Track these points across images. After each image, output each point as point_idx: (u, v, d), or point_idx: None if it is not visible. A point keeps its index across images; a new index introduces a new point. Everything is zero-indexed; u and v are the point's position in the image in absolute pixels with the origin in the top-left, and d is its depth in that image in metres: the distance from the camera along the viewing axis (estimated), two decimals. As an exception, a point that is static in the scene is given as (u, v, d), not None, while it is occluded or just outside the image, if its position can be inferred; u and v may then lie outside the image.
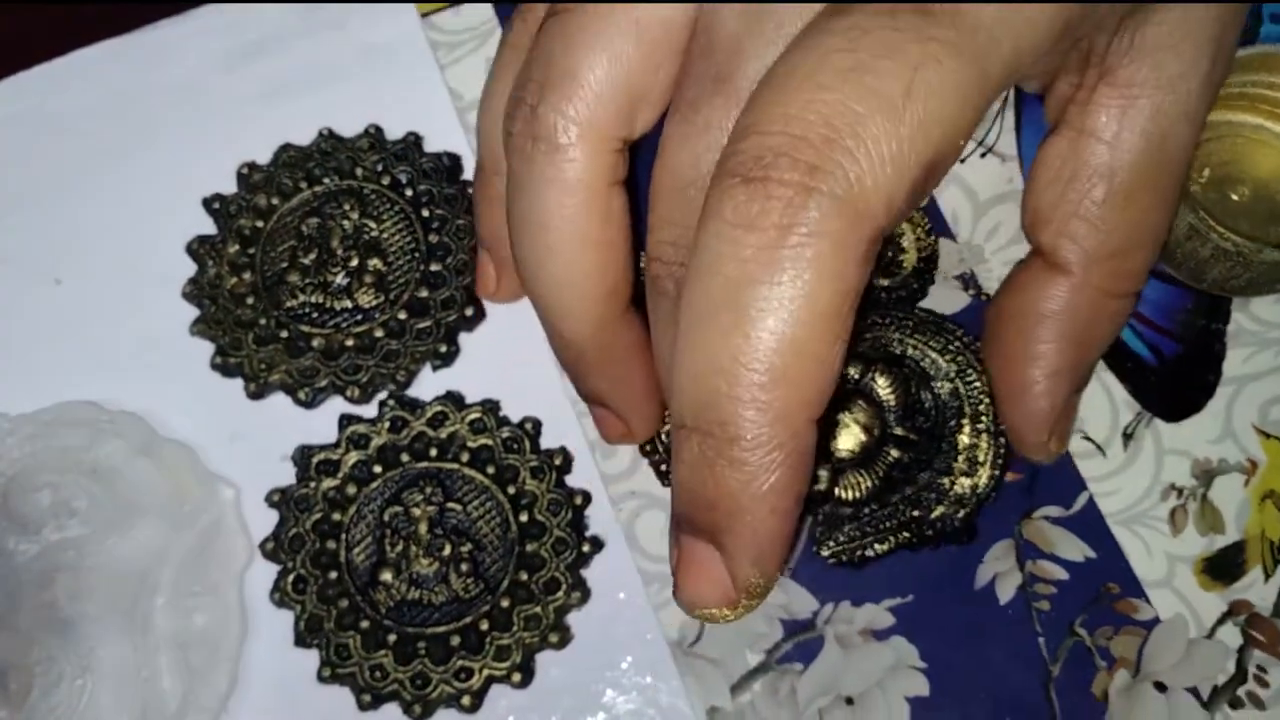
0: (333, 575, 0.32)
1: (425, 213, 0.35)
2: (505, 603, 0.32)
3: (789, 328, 0.19)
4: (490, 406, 0.33)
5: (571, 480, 0.33)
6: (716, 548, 0.21)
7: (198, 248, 0.35)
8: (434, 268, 0.35)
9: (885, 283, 0.34)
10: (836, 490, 0.31)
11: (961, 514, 0.31)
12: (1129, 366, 0.33)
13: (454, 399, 0.34)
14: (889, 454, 0.31)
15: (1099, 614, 0.31)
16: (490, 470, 0.33)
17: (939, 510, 0.31)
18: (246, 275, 0.35)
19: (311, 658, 0.31)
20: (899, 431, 0.32)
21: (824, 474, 0.31)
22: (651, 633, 0.32)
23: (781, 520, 0.21)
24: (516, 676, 0.31)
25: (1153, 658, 0.31)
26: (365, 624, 0.31)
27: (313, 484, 0.33)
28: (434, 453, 0.33)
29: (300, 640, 0.32)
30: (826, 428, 0.31)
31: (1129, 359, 0.33)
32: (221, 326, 0.34)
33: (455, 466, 0.33)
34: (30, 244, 0.36)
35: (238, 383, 0.34)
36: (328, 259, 0.35)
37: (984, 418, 0.32)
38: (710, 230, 0.20)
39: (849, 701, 0.31)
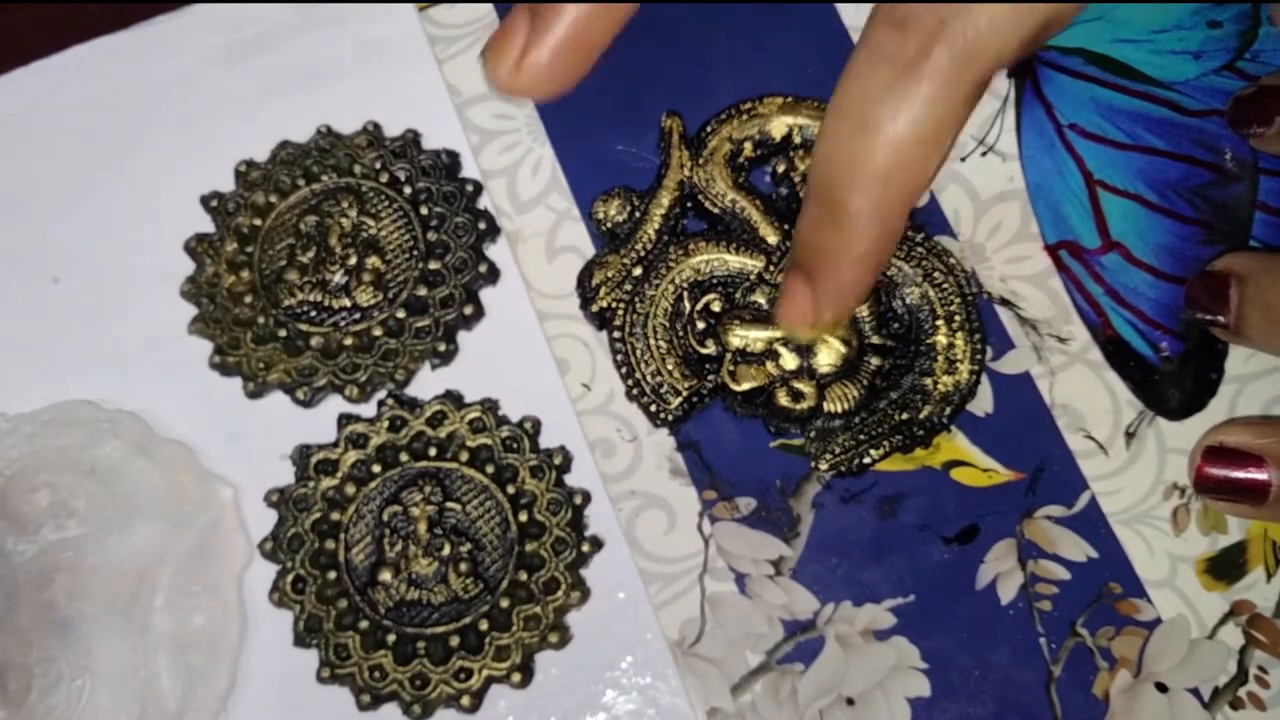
0: (332, 575, 0.32)
1: (424, 210, 0.35)
2: (505, 603, 0.31)
3: (900, 141, 0.24)
4: (489, 406, 0.33)
5: (571, 480, 0.33)
6: (809, 285, 0.27)
7: (196, 246, 0.35)
8: (433, 266, 0.35)
9: None
10: (825, 404, 0.32)
11: (948, 411, 0.32)
12: (1131, 365, 0.33)
13: (453, 398, 0.34)
14: (870, 363, 0.32)
15: (1100, 614, 0.31)
16: (489, 470, 0.33)
17: (926, 410, 0.32)
18: (245, 274, 0.35)
19: (311, 658, 0.31)
20: (876, 340, 0.32)
21: (809, 389, 0.32)
22: (651, 632, 0.31)
23: (860, 273, 0.26)
24: (516, 676, 0.31)
25: (1154, 658, 0.31)
26: (364, 624, 0.31)
27: (311, 483, 0.33)
28: (433, 452, 0.33)
29: (300, 640, 0.32)
30: (805, 345, 0.32)
31: (1131, 358, 0.33)
32: (220, 325, 0.34)
33: (454, 466, 0.33)
34: (28, 243, 0.36)
35: (236, 382, 0.34)
36: (326, 257, 0.35)
37: (957, 317, 0.33)
38: (860, 54, 0.25)
39: (850, 702, 0.31)
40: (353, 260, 0.34)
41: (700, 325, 0.33)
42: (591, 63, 0.27)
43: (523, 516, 0.32)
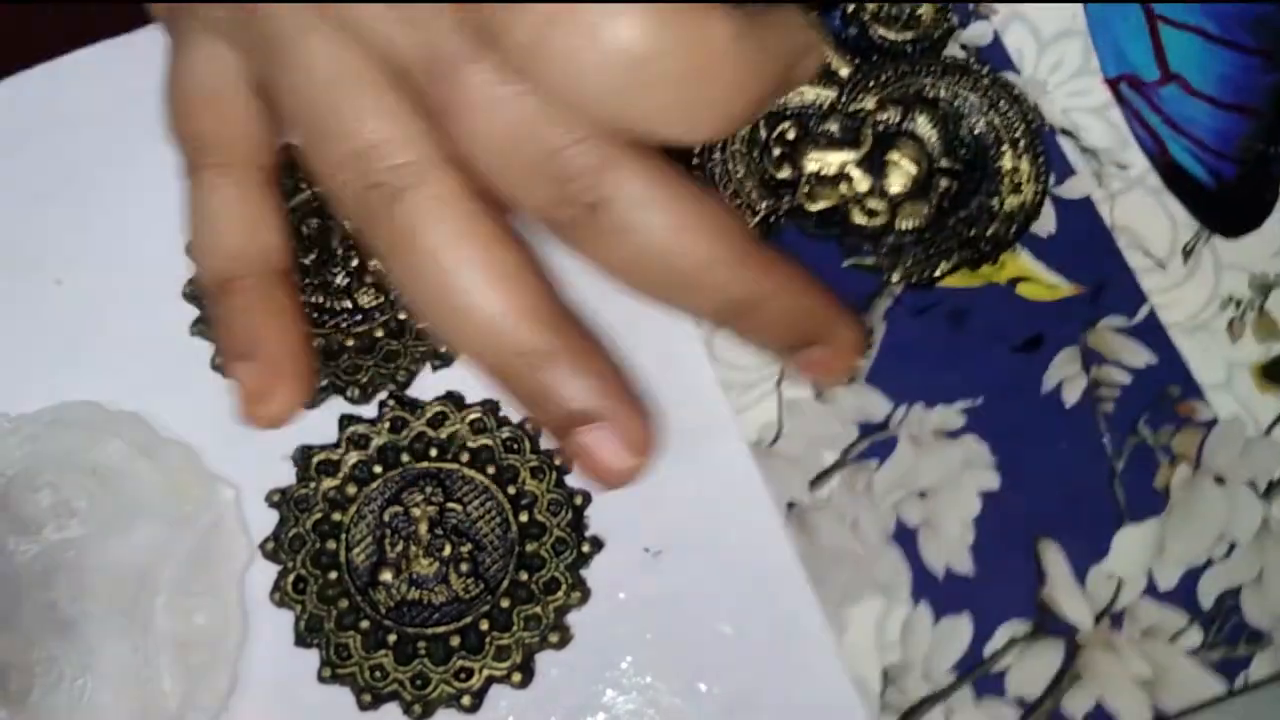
0: (333, 575, 0.32)
1: (425, 213, 0.35)
2: (505, 603, 0.32)
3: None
4: (490, 406, 0.33)
5: (571, 480, 0.33)
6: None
7: (198, 248, 0.35)
8: (434, 268, 0.35)
9: (909, 35, 0.35)
10: (897, 221, 0.34)
11: (1014, 228, 0.34)
12: (1189, 189, 0.35)
13: (454, 399, 0.34)
14: (939, 184, 0.34)
15: (1160, 415, 0.33)
16: (490, 470, 0.33)
17: (993, 227, 0.34)
18: (247, 275, 0.35)
19: (311, 658, 0.31)
20: (945, 164, 0.34)
21: (882, 207, 0.34)
22: (651, 632, 0.32)
23: None
24: (516, 676, 0.31)
25: (1212, 454, 0.33)
26: (365, 624, 0.31)
27: (313, 484, 0.33)
28: (434, 453, 0.33)
29: (300, 640, 0.32)
30: (878, 168, 0.34)
31: (1189, 182, 0.35)
32: (222, 327, 0.34)
33: (455, 466, 0.33)
34: (30, 244, 0.36)
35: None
36: (327, 259, 0.35)
37: (1021, 142, 0.34)
38: None
39: (923, 495, 0.32)
40: (354, 262, 0.35)
41: (776, 152, 0.34)
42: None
43: (523, 517, 0.32)
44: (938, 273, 0.34)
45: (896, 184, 0.34)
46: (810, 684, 0.31)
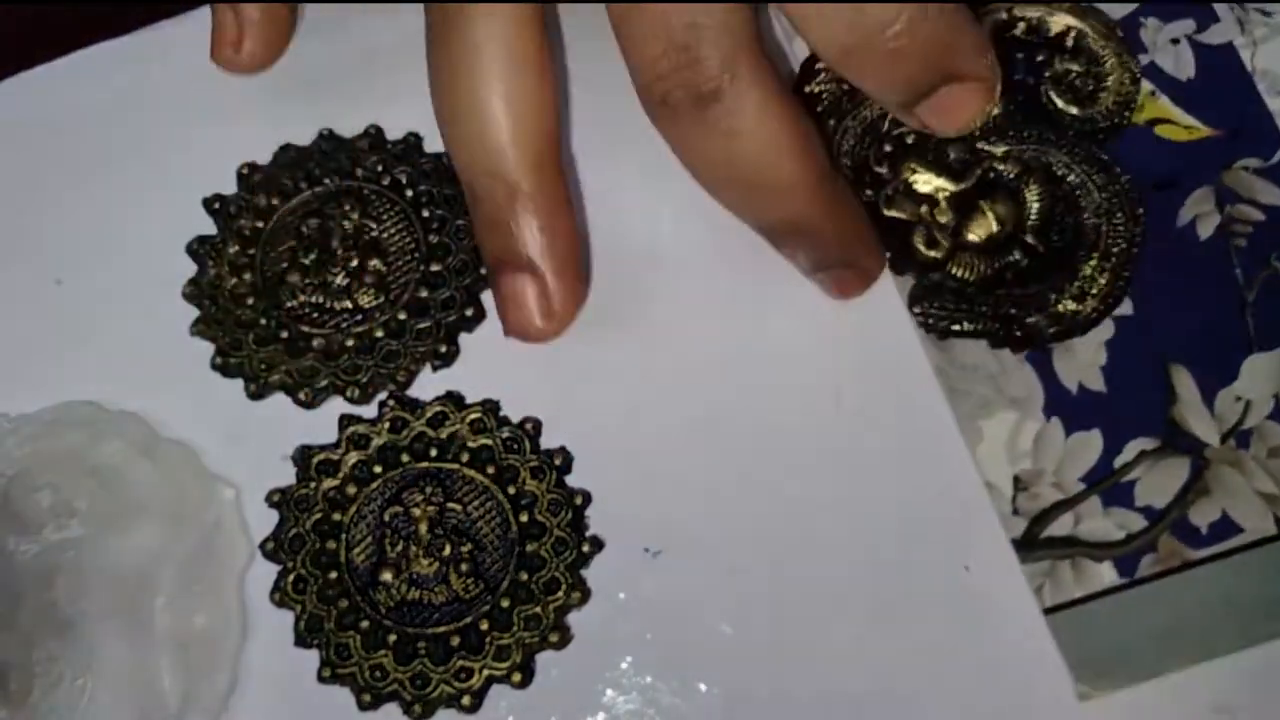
0: (333, 575, 0.32)
1: (425, 213, 0.35)
2: (505, 603, 0.32)
3: None
4: (490, 406, 0.34)
5: (571, 480, 0.33)
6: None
7: (198, 248, 0.35)
8: (434, 268, 0.35)
9: (1075, 111, 0.35)
10: (950, 264, 0.33)
11: (1054, 330, 0.33)
12: None
13: (454, 399, 0.34)
14: (1012, 254, 0.34)
15: None
16: (490, 470, 0.33)
17: (1035, 319, 0.33)
18: (246, 276, 0.35)
19: (311, 658, 0.31)
20: (1029, 239, 0.34)
21: (946, 243, 0.33)
22: (651, 632, 0.32)
23: None
24: (516, 676, 0.31)
25: None
26: (365, 624, 0.32)
27: (313, 484, 0.33)
28: (434, 453, 0.33)
29: (300, 640, 0.32)
30: (965, 209, 0.34)
31: None
32: (222, 327, 0.34)
33: (455, 467, 0.33)
34: (30, 244, 0.36)
35: (238, 383, 0.34)
36: (328, 259, 0.35)
37: (1114, 258, 0.34)
38: None
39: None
40: (354, 262, 0.35)
41: (887, 148, 0.35)
42: (289, 29, 0.33)
43: (523, 517, 0.32)
44: (955, 328, 0.33)
45: (974, 232, 0.34)
46: (944, 490, 0.32)
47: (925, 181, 0.34)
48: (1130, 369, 0.33)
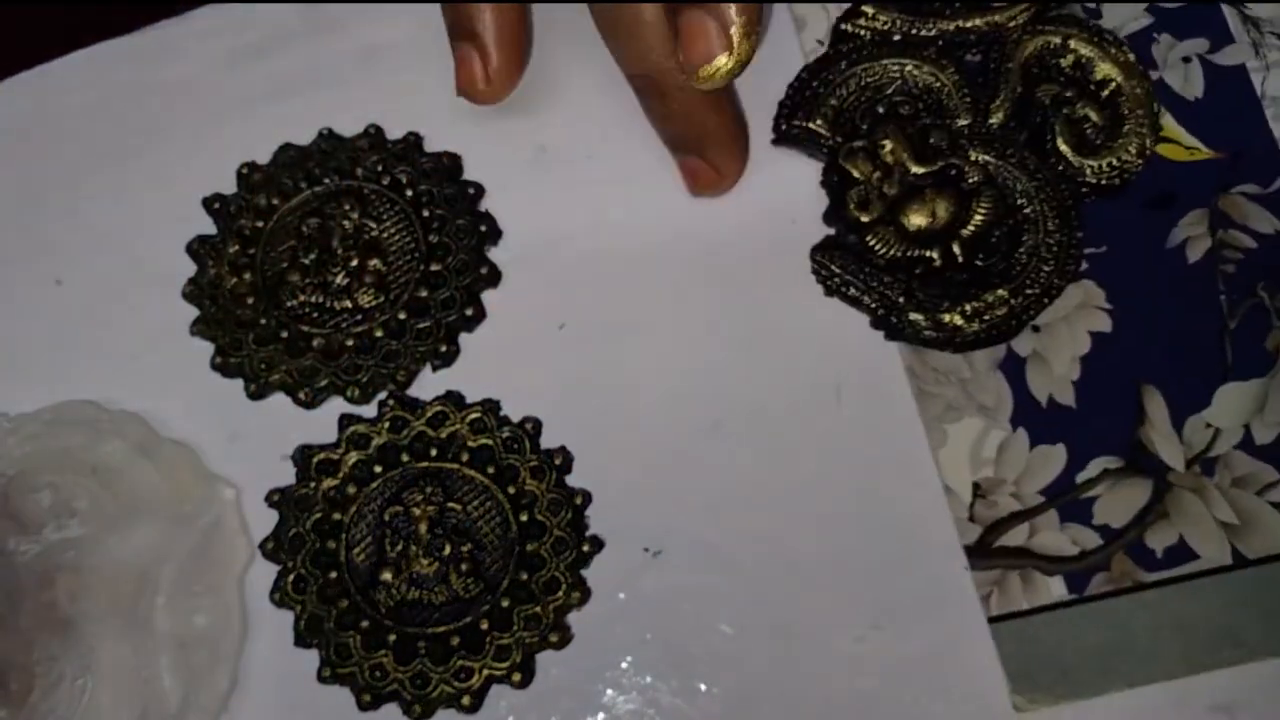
0: (333, 575, 0.32)
1: (425, 213, 0.35)
2: (505, 603, 0.32)
3: None
4: (490, 406, 0.34)
5: (571, 480, 0.33)
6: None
7: (198, 248, 0.35)
8: (434, 268, 0.35)
9: (1070, 156, 0.35)
10: (870, 236, 0.34)
11: (929, 335, 0.33)
12: None
13: (454, 399, 0.34)
14: (931, 252, 0.34)
15: None
16: (490, 470, 0.33)
17: (917, 317, 0.33)
18: (247, 275, 0.35)
19: (311, 658, 0.31)
20: (955, 248, 0.34)
21: (876, 212, 0.34)
22: (651, 632, 0.32)
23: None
24: (516, 676, 0.31)
25: None
26: (365, 624, 0.32)
27: (313, 484, 0.33)
28: (434, 453, 0.33)
29: (300, 640, 0.32)
30: (912, 192, 0.34)
31: None
32: (222, 327, 0.34)
33: (455, 466, 0.33)
34: (30, 244, 0.36)
35: (238, 383, 0.34)
36: (328, 259, 0.35)
37: (1022, 298, 0.33)
38: None
39: (1036, 329, 0.33)
40: (354, 262, 0.35)
41: (880, 109, 0.35)
42: (525, 52, 0.36)
43: (523, 517, 0.32)
44: (841, 289, 0.34)
45: (909, 216, 0.34)
46: (904, 488, 0.32)
47: (891, 152, 0.34)
48: (1102, 386, 0.33)
